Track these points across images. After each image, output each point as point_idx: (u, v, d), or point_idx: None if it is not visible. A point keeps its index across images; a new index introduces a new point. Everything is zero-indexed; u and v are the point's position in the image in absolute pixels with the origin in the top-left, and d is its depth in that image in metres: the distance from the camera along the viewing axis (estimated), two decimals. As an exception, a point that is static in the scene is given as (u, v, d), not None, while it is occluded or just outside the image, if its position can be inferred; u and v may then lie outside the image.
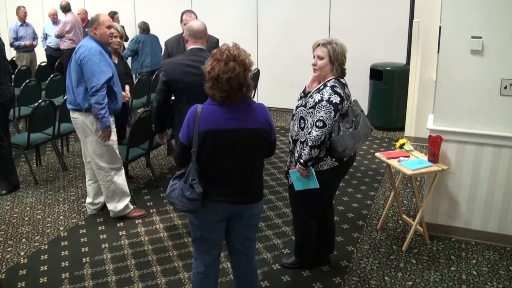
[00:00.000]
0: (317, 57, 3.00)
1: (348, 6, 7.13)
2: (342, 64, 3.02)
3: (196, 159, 2.36)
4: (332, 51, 2.96)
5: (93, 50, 3.72)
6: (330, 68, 2.98)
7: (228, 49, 2.32)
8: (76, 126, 3.91)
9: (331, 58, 2.96)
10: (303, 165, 2.90)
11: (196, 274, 2.63)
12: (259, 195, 2.55)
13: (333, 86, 2.92)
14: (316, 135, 2.85)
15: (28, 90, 6.21)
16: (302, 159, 2.91)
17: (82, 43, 3.83)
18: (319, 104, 2.88)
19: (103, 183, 4.01)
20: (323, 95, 2.90)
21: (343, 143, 2.89)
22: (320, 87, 2.96)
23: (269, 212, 4.22)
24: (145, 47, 7.67)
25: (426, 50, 5.70)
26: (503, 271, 3.34)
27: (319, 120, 2.86)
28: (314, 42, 3.05)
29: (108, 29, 3.82)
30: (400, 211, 3.99)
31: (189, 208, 2.42)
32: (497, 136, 3.46)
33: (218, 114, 2.34)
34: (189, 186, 2.37)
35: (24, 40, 8.44)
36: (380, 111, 6.75)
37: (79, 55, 3.72)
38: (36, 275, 3.35)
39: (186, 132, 2.37)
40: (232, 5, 7.88)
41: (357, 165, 5.37)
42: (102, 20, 3.82)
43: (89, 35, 3.86)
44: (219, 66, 2.27)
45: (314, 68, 3.02)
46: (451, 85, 3.52)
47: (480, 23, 3.35)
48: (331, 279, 3.27)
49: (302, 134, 2.97)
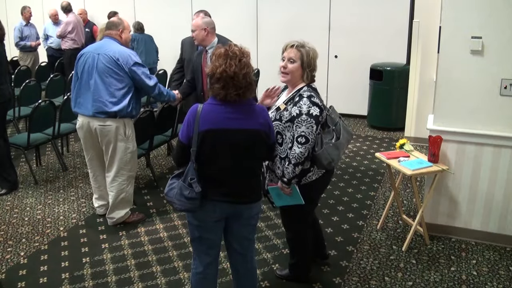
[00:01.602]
0: (288, 59, 2.77)
1: (348, 6, 7.13)
2: (313, 70, 2.81)
3: (195, 158, 2.36)
4: (305, 55, 2.75)
5: (135, 55, 3.73)
6: (301, 73, 2.77)
7: (232, 47, 2.35)
8: (106, 134, 3.71)
9: (303, 62, 2.75)
10: (287, 183, 2.72)
11: (195, 274, 2.63)
12: (258, 195, 2.55)
13: (310, 97, 2.70)
14: (300, 152, 2.65)
15: (28, 90, 6.20)
16: (285, 177, 2.70)
17: (115, 48, 3.67)
18: (299, 118, 2.66)
19: (114, 190, 3.88)
20: (301, 108, 2.67)
21: (328, 156, 2.73)
22: (295, 99, 2.73)
23: (269, 212, 4.22)
24: (140, 46, 7.69)
25: (426, 50, 5.70)
26: (503, 271, 3.34)
27: (300, 136, 2.65)
28: (285, 43, 2.82)
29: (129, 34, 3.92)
30: (400, 211, 3.99)
31: (187, 207, 2.41)
32: (497, 136, 3.46)
33: (218, 114, 2.34)
34: (187, 185, 2.37)
35: (28, 39, 8.47)
36: (380, 111, 6.76)
37: (126, 62, 3.61)
38: (36, 275, 3.35)
39: (186, 132, 2.37)
40: (232, 5, 7.88)
41: (357, 165, 5.37)
42: (127, 24, 3.84)
43: (112, 38, 3.75)
44: (234, 63, 2.30)
45: (282, 71, 2.79)
46: (451, 85, 3.52)
47: (480, 23, 3.35)
48: (331, 279, 3.27)
49: (281, 149, 2.77)
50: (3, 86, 4.46)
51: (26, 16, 8.43)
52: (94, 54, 3.66)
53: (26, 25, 8.45)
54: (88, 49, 3.78)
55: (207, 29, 4.09)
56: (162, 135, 5.04)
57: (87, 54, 3.71)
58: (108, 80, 3.62)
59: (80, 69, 3.73)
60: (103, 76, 3.61)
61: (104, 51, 3.64)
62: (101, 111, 3.65)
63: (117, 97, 3.64)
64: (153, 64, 7.84)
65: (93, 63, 3.64)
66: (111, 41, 3.74)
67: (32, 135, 4.93)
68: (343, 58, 7.30)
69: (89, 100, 3.67)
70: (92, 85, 3.65)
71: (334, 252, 3.58)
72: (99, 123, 3.69)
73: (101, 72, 3.61)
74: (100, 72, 3.62)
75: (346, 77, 7.29)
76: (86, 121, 3.74)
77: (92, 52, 3.69)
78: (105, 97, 3.63)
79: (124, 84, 3.66)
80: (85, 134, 3.81)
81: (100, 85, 3.62)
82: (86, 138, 3.84)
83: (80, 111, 3.77)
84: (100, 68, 3.61)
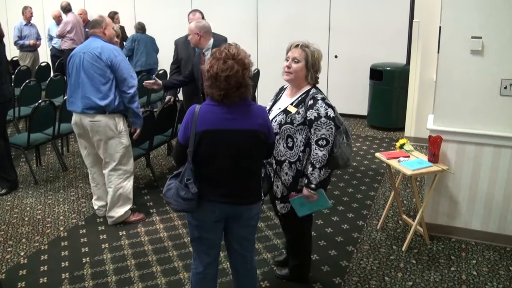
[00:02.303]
0: (292, 59, 2.76)
1: (348, 6, 7.13)
2: (317, 71, 2.79)
3: (192, 159, 2.36)
4: (310, 55, 2.73)
5: (119, 51, 3.76)
6: (305, 74, 2.76)
7: (227, 48, 2.33)
8: (97, 130, 3.78)
9: (308, 62, 2.74)
10: (315, 189, 2.70)
11: (195, 274, 2.63)
12: (257, 196, 2.54)
13: (323, 99, 2.71)
14: (323, 155, 2.65)
15: (28, 90, 6.21)
16: (313, 183, 2.68)
17: (99, 44, 3.74)
18: (317, 121, 2.66)
19: (112, 186, 3.94)
20: (319, 111, 2.67)
21: (344, 156, 2.76)
22: (308, 102, 2.72)
23: (269, 212, 4.22)
24: (140, 46, 7.66)
25: (426, 50, 5.70)
26: (503, 271, 3.34)
27: (321, 139, 2.65)
28: (290, 43, 2.82)
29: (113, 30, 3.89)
30: (400, 211, 3.99)
31: (184, 207, 2.41)
32: (497, 136, 3.46)
33: (215, 115, 2.34)
34: (184, 185, 2.37)
35: (27, 39, 8.47)
36: (380, 111, 6.76)
37: (108, 56, 3.67)
38: (36, 275, 3.35)
39: (184, 132, 2.38)
40: (232, 5, 7.88)
41: (357, 165, 5.37)
42: (109, 21, 3.88)
43: (96, 36, 3.82)
44: (218, 64, 2.28)
45: (287, 71, 2.78)
46: (451, 85, 3.52)
47: (480, 23, 3.34)
48: (331, 279, 3.27)
49: (291, 153, 2.76)
50: (4, 86, 4.48)
51: (27, 16, 8.46)
52: (80, 54, 3.76)
53: (26, 24, 8.47)
54: (76, 50, 3.87)
55: (200, 33, 4.22)
56: (162, 135, 5.04)
57: (75, 55, 3.81)
58: (93, 76, 3.71)
59: (70, 69, 3.85)
60: (88, 73, 3.72)
61: (88, 49, 3.74)
62: (89, 107, 3.75)
63: (103, 92, 3.72)
64: (154, 65, 7.81)
65: (80, 62, 3.74)
66: (95, 39, 3.82)
67: (32, 135, 4.93)
68: (343, 58, 7.30)
69: (79, 98, 3.77)
70: (80, 83, 3.76)
71: (334, 252, 3.58)
72: (89, 119, 3.77)
73: (86, 69, 3.72)
74: (85, 69, 3.72)
75: (346, 77, 7.29)
76: (78, 118, 3.84)
77: (79, 52, 3.79)
78: (91, 93, 3.73)
79: (107, 79, 3.73)
80: (79, 131, 3.91)
81: (86, 82, 3.72)
82: (80, 135, 3.94)
83: (72, 109, 3.87)
84: (85, 66, 3.72)
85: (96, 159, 4.02)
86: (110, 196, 3.97)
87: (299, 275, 3.20)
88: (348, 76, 7.28)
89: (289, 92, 2.90)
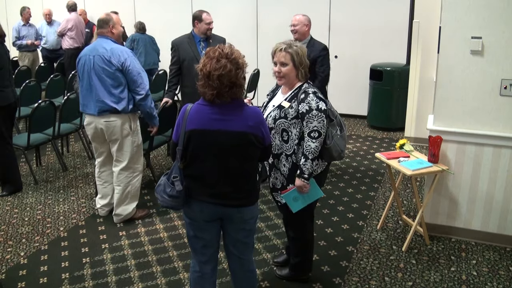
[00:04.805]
0: (280, 64, 2.82)
1: (348, 6, 7.14)
2: (306, 67, 2.85)
3: (181, 157, 2.37)
4: (295, 55, 2.79)
5: (128, 52, 3.76)
6: (295, 73, 2.82)
7: (221, 47, 2.34)
8: (112, 130, 3.81)
9: (295, 62, 2.79)
10: (307, 179, 2.76)
11: (193, 272, 2.64)
12: (250, 199, 2.47)
13: (314, 92, 2.77)
14: (315, 147, 2.72)
15: (28, 90, 6.21)
16: (305, 174, 2.74)
17: (108, 47, 3.70)
18: (309, 114, 2.72)
19: (121, 184, 3.96)
20: (310, 104, 2.73)
21: (338, 148, 2.82)
22: (300, 96, 2.78)
23: (269, 213, 4.22)
24: (140, 46, 7.66)
25: (426, 50, 5.70)
26: (503, 271, 3.34)
27: (313, 131, 2.72)
28: (273, 48, 2.87)
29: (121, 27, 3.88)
30: (400, 211, 3.99)
31: (169, 204, 2.44)
32: (497, 136, 3.46)
33: (205, 114, 2.34)
34: (170, 183, 2.39)
35: (26, 39, 8.46)
36: (380, 111, 6.76)
37: (117, 60, 3.66)
38: (36, 275, 3.35)
39: (176, 130, 2.42)
40: (232, 5, 7.88)
41: (357, 165, 5.37)
42: (117, 18, 3.84)
43: (104, 36, 3.77)
44: (211, 63, 2.28)
45: (278, 76, 2.85)
46: (451, 85, 3.52)
47: (480, 23, 3.35)
48: (331, 279, 3.27)
49: (287, 147, 2.83)
50: (8, 89, 4.46)
51: (26, 16, 8.45)
52: (90, 57, 3.74)
53: (24, 25, 8.45)
54: (84, 51, 3.85)
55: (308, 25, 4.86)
56: (162, 135, 5.03)
57: (84, 57, 3.79)
58: (104, 80, 3.71)
59: (80, 72, 3.84)
60: (100, 77, 3.72)
61: (97, 52, 3.72)
62: (104, 110, 3.77)
63: (116, 95, 3.74)
64: (154, 65, 7.80)
65: (90, 65, 3.73)
66: (104, 40, 3.79)
67: (32, 135, 4.94)
68: (343, 58, 7.30)
69: (92, 101, 3.79)
70: (92, 86, 3.76)
71: (334, 252, 3.58)
72: (104, 119, 3.80)
73: (98, 72, 3.71)
74: (97, 73, 3.72)
75: (346, 77, 7.28)
76: (92, 119, 3.86)
77: (88, 55, 3.76)
78: (105, 97, 3.74)
79: (119, 82, 3.74)
80: (93, 131, 3.92)
81: (98, 86, 3.73)
82: (94, 135, 3.95)
83: (86, 112, 3.89)
84: (96, 69, 3.71)
85: (107, 158, 4.05)
86: (118, 194, 3.99)
87: (300, 273, 3.21)
88: (348, 76, 7.28)
89: (283, 90, 2.97)
